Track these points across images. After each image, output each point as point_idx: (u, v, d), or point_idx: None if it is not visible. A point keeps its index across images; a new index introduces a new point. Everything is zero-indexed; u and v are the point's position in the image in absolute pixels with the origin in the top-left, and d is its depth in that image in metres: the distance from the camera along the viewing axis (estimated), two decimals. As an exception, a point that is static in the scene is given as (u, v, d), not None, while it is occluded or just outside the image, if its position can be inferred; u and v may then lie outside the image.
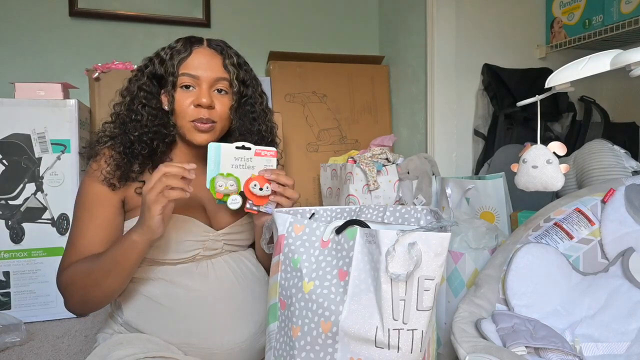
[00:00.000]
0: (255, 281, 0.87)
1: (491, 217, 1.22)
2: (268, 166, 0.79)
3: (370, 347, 0.57)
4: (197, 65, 0.81)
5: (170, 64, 0.80)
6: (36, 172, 1.48)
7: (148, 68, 0.84)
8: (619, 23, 1.48)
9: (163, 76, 0.82)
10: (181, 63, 0.81)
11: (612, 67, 0.66)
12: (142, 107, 0.82)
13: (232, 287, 0.82)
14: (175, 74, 0.80)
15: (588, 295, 0.75)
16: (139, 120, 0.82)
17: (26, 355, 1.22)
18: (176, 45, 0.83)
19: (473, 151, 1.82)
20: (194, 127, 0.81)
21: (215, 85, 0.82)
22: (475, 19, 1.78)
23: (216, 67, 0.82)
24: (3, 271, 1.46)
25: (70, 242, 0.79)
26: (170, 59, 0.81)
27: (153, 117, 0.82)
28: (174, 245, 0.79)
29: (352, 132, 2.12)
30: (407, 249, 0.55)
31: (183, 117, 0.81)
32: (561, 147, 0.75)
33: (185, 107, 0.80)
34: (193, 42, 0.83)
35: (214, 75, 0.81)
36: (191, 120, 0.81)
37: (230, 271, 0.84)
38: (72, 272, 0.76)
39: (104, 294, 0.75)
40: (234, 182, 0.76)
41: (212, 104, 0.81)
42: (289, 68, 2.06)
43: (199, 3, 2.14)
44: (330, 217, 0.78)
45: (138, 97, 0.83)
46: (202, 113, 0.80)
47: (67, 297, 0.78)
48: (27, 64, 1.95)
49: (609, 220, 0.79)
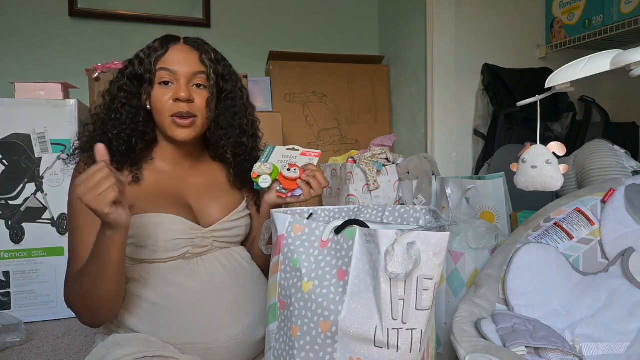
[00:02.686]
0: (247, 275, 0.87)
1: (491, 217, 1.22)
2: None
3: (370, 347, 0.57)
4: (175, 60, 0.81)
5: (147, 62, 0.81)
6: (36, 172, 1.48)
7: (128, 69, 0.84)
8: (619, 23, 1.48)
9: (142, 75, 0.83)
10: (158, 60, 0.81)
11: (612, 67, 0.66)
12: (122, 106, 0.83)
13: (224, 281, 0.82)
14: (153, 70, 0.81)
15: (588, 295, 0.75)
16: (118, 118, 0.82)
17: (26, 355, 1.22)
18: (153, 45, 0.84)
19: (473, 151, 1.82)
20: (172, 122, 0.81)
21: (193, 80, 0.83)
22: (475, 19, 1.78)
23: (193, 62, 0.83)
24: (3, 271, 1.46)
25: (72, 251, 0.78)
26: (147, 57, 0.82)
27: (133, 115, 0.83)
28: (162, 244, 0.79)
29: (352, 132, 2.12)
30: (406, 249, 0.55)
31: (162, 112, 0.81)
32: (560, 147, 0.75)
33: (164, 102, 0.81)
34: (170, 40, 0.85)
35: (190, 69, 0.82)
36: (170, 115, 0.81)
37: (220, 266, 0.84)
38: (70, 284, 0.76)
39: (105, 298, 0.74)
40: (270, 167, 0.84)
41: (190, 97, 0.81)
42: (289, 68, 2.06)
43: (199, 3, 2.14)
44: (328, 217, 0.78)
45: (118, 97, 0.83)
46: (181, 107, 0.81)
47: (75, 311, 0.77)
48: (27, 64, 1.96)
49: (609, 220, 0.79)
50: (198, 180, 0.90)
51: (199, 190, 0.89)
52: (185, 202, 0.86)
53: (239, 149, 0.91)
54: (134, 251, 0.80)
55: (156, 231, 0.79)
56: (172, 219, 0.81)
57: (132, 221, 0.77)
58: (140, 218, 0.79)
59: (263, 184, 0.83)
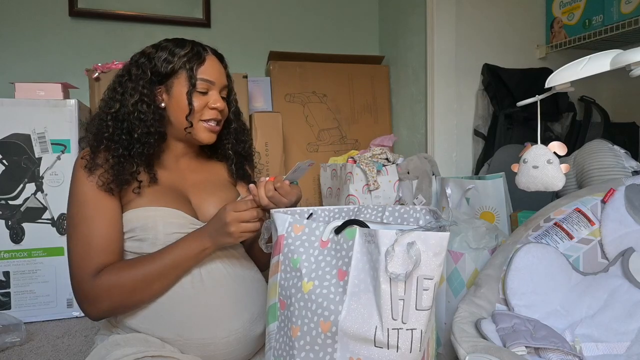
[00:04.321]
0: (245, 270, 0.88)
1: (491, 217, 1.22)
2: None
3: (370, 347, 0.57)
4: (211, 72, 0.87)
5: (188, 67, 0.84)
6: (36, 172, 1.48)
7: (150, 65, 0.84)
8: (619, 23, 1.48)
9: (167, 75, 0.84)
10: (198, 68, 0.85)
11: (612, 67, 0.66)
12: (147, 106, 0.83)
13: (222, 277, 0.83)
14: (194, 77, 0.85)
15: (588, 295, 0.75)
16: (142, 119, 0.82)
17: (26, 355, 1.22)
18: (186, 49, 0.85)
19: (473, 151, 1.82)
20: (205, 127, 0.87)
21: (223, 92, 0.91)
22: (475, 19, 1.78)
23: (223, 75, 0.90)
24: (3, 271, 1.46)
25: (84, 243, 0.77)
26: (186, 63, 0.84)
27: (157, 115, 0.84)
28: (162, 237, 0.79)
29: (352, 132, 2.12)
30: (406, 249, 0.55)
31: (195, 116, 0.86)
32: (561, 147, 0.75)
33: (199, 108, 0.86)
34: (201, 48, 0.88)
35: (223, 82, 0.90)
36: (204, 120, 0.87)
37: (219, 261, 0.84)
38: (114, 276, 0.75)
39: (148, 297, 0.77)
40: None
41: (225, 108, 0.91)
42: (289, 68, 2.06)
43: (199, 3, 2.14)
44: (328, 217, 0.78)
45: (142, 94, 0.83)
46: (216, 114, 0.88)
47: (100, 302, 0.76)
48: (27, 64, 1.95)
49: (609, 220, 0.79)
50: (197, 176, 0.92)
51: (197, 186, 0.90)
52: (185, 196, 0.88)
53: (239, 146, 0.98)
54: (134, 244, 0.80)
55: (156, 224, 0.79)
56: (173, 213, 0.82)
57: (133, 214, 0.80)
58: (141, 211, 0.80)
59: None
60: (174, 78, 0.84)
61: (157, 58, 0.84)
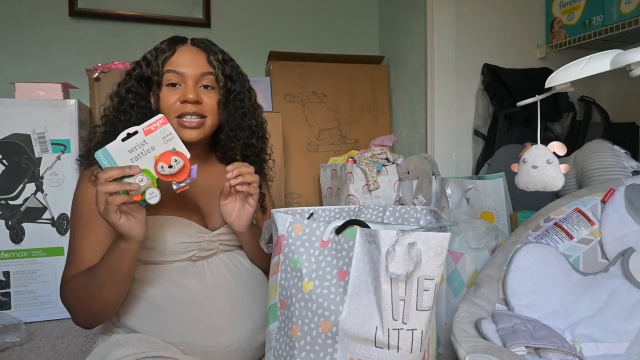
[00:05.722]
0: (252, 278, 0.87)
1: (491, 217, 1.22)
2: (167, 138, 0.70)
3: (370, 347, 0.57)
4: (182, 62, 0.81)
5: (155, 64, 0.81)
6: (36, 172, 1.48)
7: (135, 71, 0.84)
8: (619, 23, 1.48)
9: (150, 77, 0.82)
10: (165, 61, 0.81)
11: (612, 67, 0.66)
12: (131, 107, 0.83)
13: (228, 285, 0.82)
14: (160, 72, 0.80)
15: (588, 295, 0.75)
16: (128, 119, 0.82)
17: (26, 355, 1.22)
18: (160, 46, 0.84)
19: (473, 151, 1.82)
20: (179, 123, 0.80)
21: (201, 82, 0.82)
22: (475, 19, 1.78)
23: (201, 63, 0.82)
24: (3, 271, 1.46)
25: (71, 254, 0.78)
26: (155, 59, 0.82)
27: (142, 116, 0.82)
28: (170, 247, 0.79)
29: (352, 132, 2.12)
30: (406, 249, 0.55)
31: (169, 114, 0.80)
32: (561, 147, 0.75)
33: (171, 104, 0.80)
34: (177, 41, 0.84)
35: (198, 70, 0.81)
36: (176, 116, 0.80)
37: (225, 269, 0.84)
38: (72, 286, 0.76)
39: (105, 304, 0.75)
40: (143, 176, 0.67)
41: (198, 99, 0.81)
42: (289, 68, 2.06)
43: (199, 3, 2.14)
44: (329, 217, 0.78)
45: (127, 98, 0.83)
46: (187, 108, 0.80)
47: (71, 312, 0.77)
48: (27, 64, 1.96)
49: (609, 220, 0.79)
50: (206, 182, 0.89)
51: (207, 192, 0.88)
52: (194, 203, 0.86)
53: (248, 150, 0.90)
54: (142, 253, 0.79)
55: (165, 233, 0.79)
56: (182, 222, 0.81)
57: None
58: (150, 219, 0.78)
59: (152, 200, 0.68)
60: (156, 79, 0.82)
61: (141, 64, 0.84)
